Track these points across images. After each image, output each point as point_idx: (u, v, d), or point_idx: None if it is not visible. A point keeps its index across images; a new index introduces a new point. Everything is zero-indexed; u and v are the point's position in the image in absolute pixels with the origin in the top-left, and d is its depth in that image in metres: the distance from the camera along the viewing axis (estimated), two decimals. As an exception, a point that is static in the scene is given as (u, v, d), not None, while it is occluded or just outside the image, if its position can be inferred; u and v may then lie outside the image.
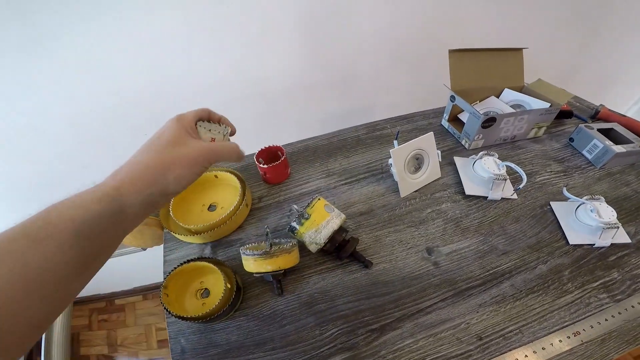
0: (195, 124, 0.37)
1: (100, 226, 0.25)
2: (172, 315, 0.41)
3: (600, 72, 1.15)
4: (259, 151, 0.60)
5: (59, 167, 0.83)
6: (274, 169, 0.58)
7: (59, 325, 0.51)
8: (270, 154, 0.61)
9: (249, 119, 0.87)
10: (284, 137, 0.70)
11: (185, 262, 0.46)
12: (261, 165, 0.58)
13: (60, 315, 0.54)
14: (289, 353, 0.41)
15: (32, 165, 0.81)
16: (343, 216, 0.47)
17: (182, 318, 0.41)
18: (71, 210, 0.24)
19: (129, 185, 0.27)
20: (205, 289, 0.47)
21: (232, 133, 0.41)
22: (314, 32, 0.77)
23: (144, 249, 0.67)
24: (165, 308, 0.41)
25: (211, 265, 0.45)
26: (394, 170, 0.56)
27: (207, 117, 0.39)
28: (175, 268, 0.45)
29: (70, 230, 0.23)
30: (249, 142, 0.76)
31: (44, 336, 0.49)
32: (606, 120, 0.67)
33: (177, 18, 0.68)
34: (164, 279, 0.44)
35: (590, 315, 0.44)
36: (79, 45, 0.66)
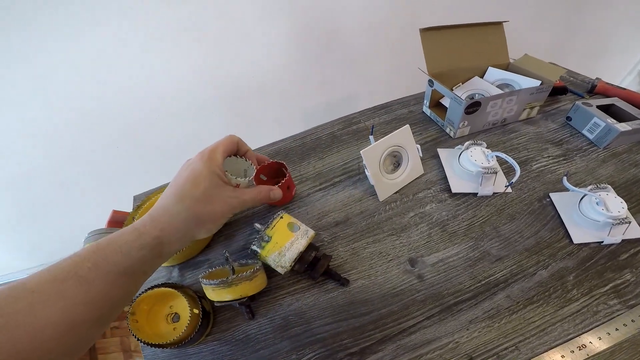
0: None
1: (141, 269, 0.28)
2: (142, 342, 0.35)
3: (590, 42, 1.01)
4: (260, 167, 0.47)
5: (37, 185, 0.75)
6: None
7: None
8: (271, 170, 0.49)
9: (223, 123, 0.78)
10: (264, 136, 0.61)
11: (149, 288, 0.39)
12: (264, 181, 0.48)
13: None
14: None
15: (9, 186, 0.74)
16: (311, 232, 0.39)
17: (151, 345, 0.35)
18: (117, 255, 0.26)
19: (169, 236, 0.30)
20: (175, 313, 0.41)
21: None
22: (286, 26, 0.66)
23: None
24: (134, 336, 0.36)
25: (175, 290, 0.39)
26: (368, 173, 0.46)
27: (236, 149, 0.37)
28: (140, 294, 0.39)
29: (115, 273, 0.26)
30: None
31: None
32: (604, 95, 0.56)
33: (139, 25, 0.58)
34: (130, 305, 0.38)
35: (598, 325, 0.35)
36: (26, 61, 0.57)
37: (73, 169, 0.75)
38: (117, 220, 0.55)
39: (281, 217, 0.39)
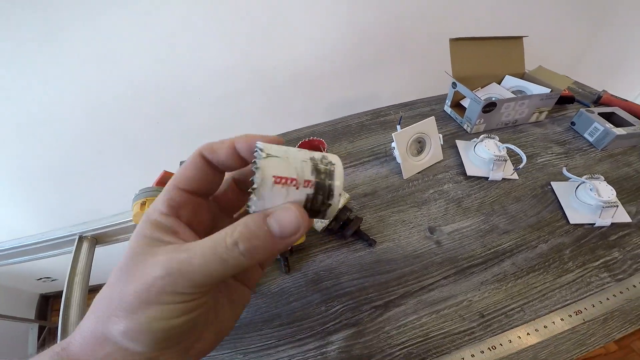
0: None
1: None
2: None
3: (605, 60, 1.06)
4: (301, 142, 0.53)
5: (75, 154, 0.79)
6: None
7: (74, 320, 0.49)
8: (311, 147, 0.54)
9: (256, 107, 0.82)
10: (290, 125, 0.65)
11: None
12: None
13: (76, 309, 0.48)
14: (295, 329, 0.37)
15: (48, 152, 0.77)
16: (347, 195, 0.43)
17: None
18: None
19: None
20: None
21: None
22: (320, 23, 0.71)
23: None
24: None
25: None
26: (396, 152, 0.51)
27: (205, 166, 0.17)
28: None
29: None
30: (255, 130, 0.72)
31: (59, 330, 0.46)
32: (608, 105, 0.61)
33: (188, 9, 0.63)
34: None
35: (591, 294, 0.39)
36: (92, 37, 0.62)
37: (112, 140, 0.79)
38: (166, 181, 0.59)
39: (324, 180, 0.43)
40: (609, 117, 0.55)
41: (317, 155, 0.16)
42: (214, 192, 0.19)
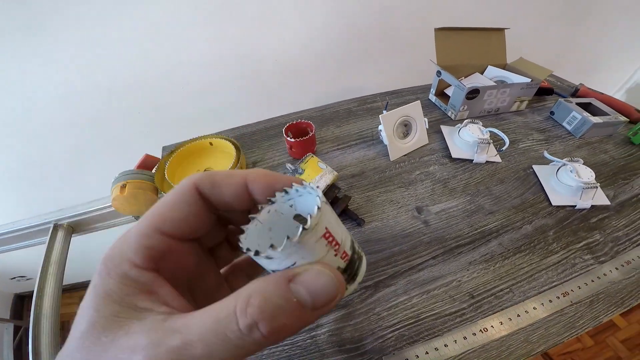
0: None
1: None
2: None
3: (585, 58, 1.06)
4: (288, 125, 0.49)
5: (52, 144, 0.72)
6: (301, 144, 0.48)
7: (48, 312, 0.42)
8: (298, 130, 0.51)
9: (242, 97, 0.77)
10: (276, 115, 0.61)
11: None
12: (289, 139, 0.47)
13: (50, 301, 0.42)
14: None
15: (24, 142, 0.69)
16: (335, 173, 0.39)
17: None
18: None
19: None
20: None
21: None
22: (307, 14, 0.68)
23: (137, 218, 0.58)
24: None
25: None
26: (383, 134, 0.47)
27: (199, 201, 0.13)
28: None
29: None
30: (242, 118, 0.68)
31: (31, 323, 0.40)
32: (585, 97, 0.61)
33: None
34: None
35: (577, 275, 0.37)
36: (73, 26, 0.56)
37: (92, 130, 0.72)
38: (148, 165, 0.53)
39: (312, 157, 0.39)
40: (586, 107, 0.54)
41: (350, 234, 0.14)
42: (203, 233, 0.14)
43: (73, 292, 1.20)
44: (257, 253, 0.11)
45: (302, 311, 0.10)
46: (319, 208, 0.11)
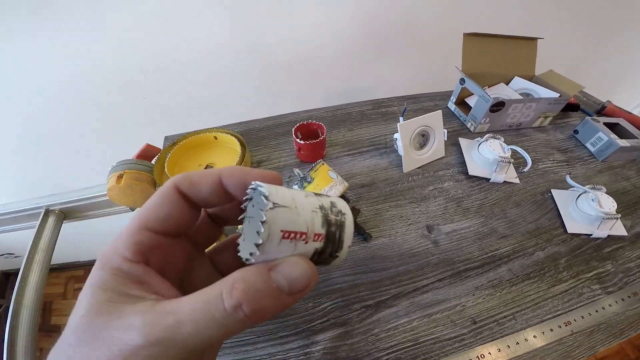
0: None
1: None
2: None
3: (609, 70, 1.02)
4: (298, 125, 0.46)
5: (51, 125, 0.69)
6: (310, 147, 0.45)
7: (31, 291, 0.40)
8: (308, 131, 0.48)
9: (250, 87, 0.74)
10: (283, 108, 0.58)
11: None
12: (298, 141, 0.45)
13: (35, 280, 0.41)
14: (279, 325, 0.32)
15: (20, 122, 0.66)
16: (346, 184, 0.37)
17: None
18: None
19: None
20: None
21: None
22: (325, 8, 0.63)
23: (133, 209, 0.57)
24: None
25: None
26: (399, 144, 0.45)
27: (181, 203, 0.14)
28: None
29: None
30: (249, 110, 0.65)
31: (12, 300, 0.39)
32: (612, 116, 0.57)
33: None
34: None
35: (582, 305, 0.36)
36: (83, 5, 0.52)
37: (94, 113, 0.69)
38: (147, 155, 0.51)
39: (322, 164, 0.37)
40: (612, 127, 0.52)
41: (325, 202, 0.14)
42: (188, 229, 0.15)
43: (59, 272, 1.19)
44: (246, 259, 0.12)
45: (280, 295, 0.12)
46: (263, 222, 0.11)
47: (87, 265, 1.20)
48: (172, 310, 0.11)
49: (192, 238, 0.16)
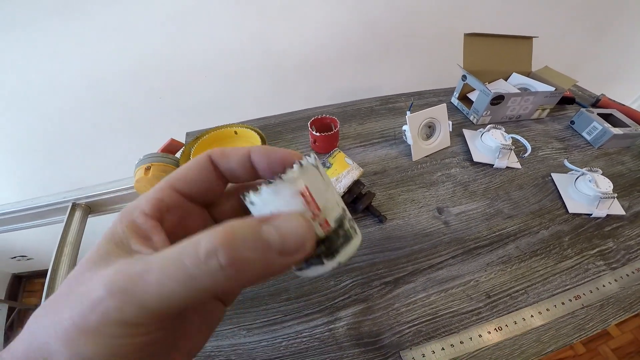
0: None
1: None
2: None
3: (604, 68, 1.06)
4: (313, 119, 0.49)
5: (71, 125, 0.72)
6: (326, 139, 0.48)
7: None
8: (322, 124, 0.51)
9: (261, 88, 0.77)
10: (293, 108, 0.61)
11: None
12: (313, 133, 0.48)
13: (64, 273, 0.39)
14: (303, 303, 0.34)
15: (42, 121, 0.70)
16: (361, 169, 0.40)
17: None
18: None
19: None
20: None
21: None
22: (331, 9, 0.68)
23: None
24: None
25: None
26: (408, 134, 0.48)
27: (203, 176, 0.15)
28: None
29: None
30: (261, 110, 0.68)
31: (44, 294, 0.40)
32: (606, 108, 0.61)
33: None
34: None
35: (589, 280, 0.38)
36: (105, 8, 0.56)
37: (112, 113, 0.72)
38: (171, 149, 0.54)
39: (339, 151, 0.40)
40: (606, 118, 0.55)
41: (348, 212, 0.14)
42: (211, 202, 0.15)
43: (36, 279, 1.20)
44: (244, 196, 0.12)
45: (268, 251, 0.10)
46: (301, 165, 0.11)
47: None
48: (145, 259, 0.10)
49: (217, 217, 0.15)
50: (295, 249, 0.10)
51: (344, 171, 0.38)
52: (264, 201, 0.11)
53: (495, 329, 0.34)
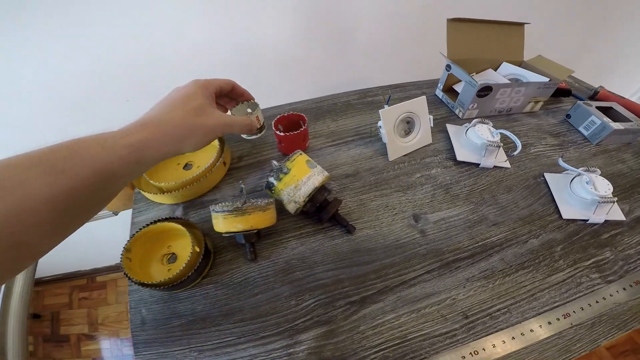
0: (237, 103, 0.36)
1: (119, 171, 0.22)
2: (133, 281, 0.29)
3: (603, 59, 0.99)
4: (279, 117, 0.43)
5: (32, 134, 0.66)
6: (291, 139, 0.42)
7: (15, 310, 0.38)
8: (290, 122, 0.45)
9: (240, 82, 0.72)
10: (271, 103, 0.56)
11: (152, 223, 0.33)
12: (278, 133, 0.42)
13: (17, 299, 0.39)
14: (259, 325, 0.30)
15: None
16: (326, 174, 0.35)
17: (143, 284, 0.29)
18: (98, 148, 0.21)
19: (156, 140, 0.25)
20: (173, 253, 0.35)
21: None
22: (311, 3, 0.61)
23: (116, 214, 0.54)
24: (125, 274, 0.30)
25: (179, 226, 0.33)
26: (382, 131, 0.43)
27: (230, 89, 0.35)
28: (141, 229, 0.33)
29: (91, 168, 0.20)
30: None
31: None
32: (605, 101, 0.55)
33: None
34: (128, 241, 0.32)
35: (581, 296, 0.33)
36: (58, 7, 0.50)
37: (75, 120, 0.66)
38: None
39: (300, 154, 0.35)
40: (606, 111, 0.49)
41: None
42: (219, 95, 0.34)
43: (63, 282, 1.15)
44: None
45: (249, 125, 0.34)
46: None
47: (89, 275, 1.16)
48: (230, 118, 0.32)
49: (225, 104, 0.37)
50: (252, 127, 0.34)
51: (303, 177, 0.33)
52: (251, 116, 0.36)
53: (470, 353, 0.30)
